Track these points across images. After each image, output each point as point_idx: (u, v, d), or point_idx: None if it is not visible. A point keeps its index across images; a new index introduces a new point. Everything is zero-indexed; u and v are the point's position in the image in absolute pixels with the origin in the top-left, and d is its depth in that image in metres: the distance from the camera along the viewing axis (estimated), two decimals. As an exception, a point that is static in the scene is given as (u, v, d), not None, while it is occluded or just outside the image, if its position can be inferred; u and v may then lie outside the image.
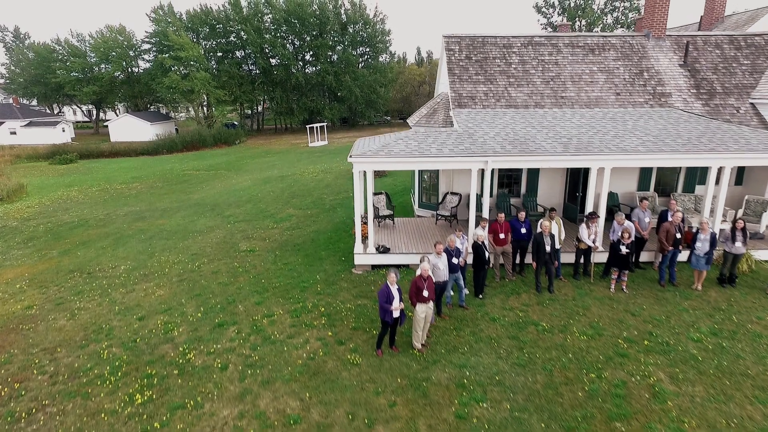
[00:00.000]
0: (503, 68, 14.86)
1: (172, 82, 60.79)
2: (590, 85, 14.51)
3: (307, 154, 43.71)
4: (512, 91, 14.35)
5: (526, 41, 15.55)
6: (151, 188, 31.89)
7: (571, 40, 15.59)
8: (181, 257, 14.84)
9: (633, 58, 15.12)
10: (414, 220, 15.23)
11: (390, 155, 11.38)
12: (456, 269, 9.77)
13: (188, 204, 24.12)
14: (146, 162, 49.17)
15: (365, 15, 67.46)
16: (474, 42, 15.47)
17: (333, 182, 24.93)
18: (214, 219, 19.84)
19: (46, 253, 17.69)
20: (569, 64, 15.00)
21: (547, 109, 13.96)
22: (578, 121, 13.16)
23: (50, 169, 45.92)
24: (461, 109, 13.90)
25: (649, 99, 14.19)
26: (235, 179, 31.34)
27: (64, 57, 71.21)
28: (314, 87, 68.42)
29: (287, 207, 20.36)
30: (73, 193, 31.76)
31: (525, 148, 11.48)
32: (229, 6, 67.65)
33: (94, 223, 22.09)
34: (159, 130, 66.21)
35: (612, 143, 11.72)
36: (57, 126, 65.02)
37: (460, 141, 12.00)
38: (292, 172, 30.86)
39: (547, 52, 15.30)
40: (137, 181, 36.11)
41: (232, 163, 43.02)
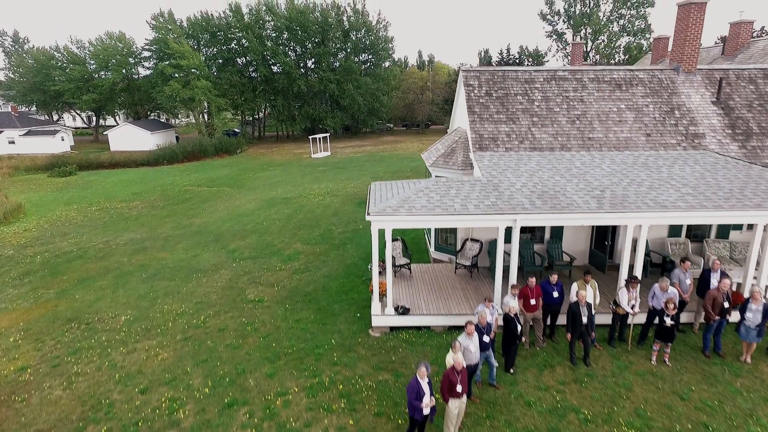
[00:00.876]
0: (526, 106, 14.04)
1: (173, 90, 60.00)
2: (618, 124, 13.69)
3: (311, 168, 42.87)
4: (536, 132, 13.53)
5: (549, 76, 14.73)
6: (152, 208, 31.06)
7: (596, 74, 14.76)
8: (185, 307, 14.01)
9: (662, 94, 14.30)
10: (431, 267, 14.40)
11: (411, 212, 10.56)
12: (487, 347, 8.96)
13: (190, 232, 23.28)
14: (146, 174, 48.33)
15: (368, 22, 66.64)
16: (494, 77, 14.65)
17: (340, 209, 24.10)
18: (218, 254, 19.01)
19: (42, 294, 16.87)
20: (595, 101, 14.18)
21: (574, 152, 13.14)
22: (608, 167, 12.34)
23: (49, 182, 45.08)
24: (483, 152, 13.08)
25: (682, 140, 13.38)
26: (238, 199, 30.50)
27: (63, 64, 70.34)
28: (316, 95, 67.59)
29: (294, 241, 19.53)
30: (72, 213, 30.92)
31: (556, 204, 10.66)
32: (230, 13, 66.84)
33: (93, 254, 21.27)
34: (159, 139, 65.41)
35: (648, 197, 10.91)
36: (56, 135, 64.22)
37: (485, 193, 11.19)
38: (297, 192, 30.03)
39: (572, 87, 14.48)
40: (137, 198, 35.28)
41: (235, 177, 42.17)
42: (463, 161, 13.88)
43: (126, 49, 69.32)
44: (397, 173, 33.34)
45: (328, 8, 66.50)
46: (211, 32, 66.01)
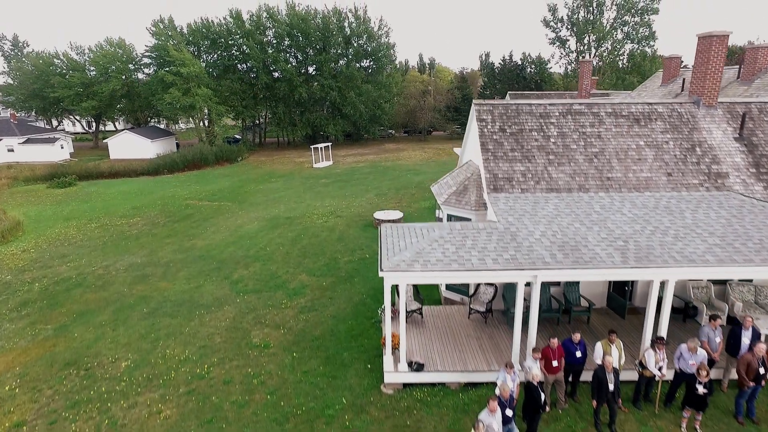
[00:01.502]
0: (541, 143, 13.53)
1: (173, 98, 59.49)
2: (638, 163, 13.18)
3: (313, 181, 42.35)
4: (553, 171, 13.02)
5: (565, 110, 14.21)
6: (153, 225, 30.58)
7: (614, 108, 14.25)
8: (188, 351, 13.50)
9: (683, 130, 13.79)
10: (443, 310, 13.89)
11: (427, 268, 10.05)
12: (510, 420, 8.45)
13: (192, 257, 22.76)
14: (147, 185, 47.85)
15: (369, 29, 66.10)
16: (508, 111, 14.14)
17: (345, 233, 23.58)
18: (221, 285, 18.50)
19: (40, 330, 16.36)
20: (613, 137, 13.67)
21: (592, 193, 12.63)
22: (630, 211, 11.83)
23: (48, 194, 44.57)
24: (498, 193, 12.57)
25: (704, 180, 12.88)
26: (241, 217, 29.99)
27: (62, 71, 69.78)
28: (317, 102, 67.09)
29: (299, 271, 19.01)
30: (71, 231, 30.44)
31: (578, 258, 10.16)
32: (231, 19, 66.33)
33: (92, 282, 20.77)
34: (160, 147, 64.89)
35: (674, 248, 10.41)
36: (55, 143, 63.69)
37: (503, 244, 10.68)
38: (300, 211, 29.51)
39: (588, 122, 13.97)
40: (137, 213, 34.80)
41: (236, 189, 41.67)
42: (477, 201, 13.37)
43: (126, 56, 68.81)
44: (402, 190, 32.81)
45: (330, 14, 66.00)
46: (212, 39, 65.50)
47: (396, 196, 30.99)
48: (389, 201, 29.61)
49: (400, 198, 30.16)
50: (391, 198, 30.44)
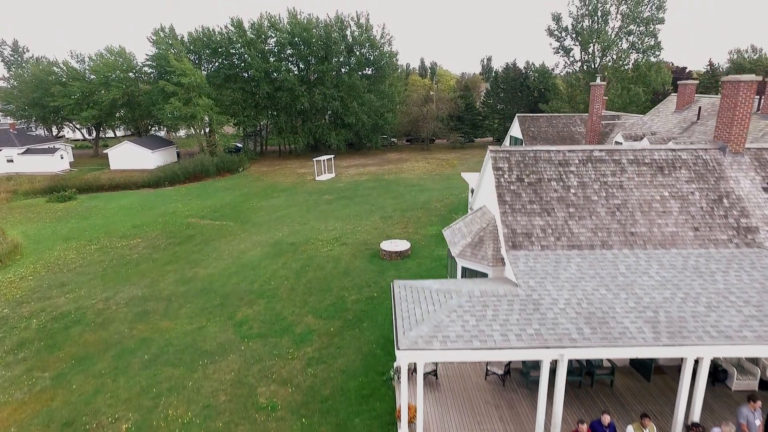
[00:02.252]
0: (561, 194, 12.92)
1: (174, 108, 58.93)
2: (663, 216, 12.57)
3: (316, 197, 41.75)
4: (573, 226, 12.41)
5: (585, 157, 13.60)
6: (153, 249, 30.02)
7: (635, 155, 13.64)
8: (191, 413, 12.89)
9: (709, 179, 13.18)
10: (458, 369, 13.26)
11: (446, 345, 9.45)
12: None
13: (194, 290, 22.17)
14: (147, 199, 47.30)
15: (372, 37, 65.45)
16: (525, 158, 13.53)
17: (351, 264, 22.96)
18: (224, 327, 17.90)
19: (37, 379, 15.77)
20: (636, 187, 13.06)
21: (616, 250, 12.02)
22: (657, 273, 11.22)
23: (47, 209, 44.00)
24: (517, 251, 11.97)
25: (733, 236, 12.26)
26: (243, 241, 29.41)
27: (62, 80, 69.18)
28: (320, 112, 66.51)
29: (305, 311, 18.41)
30: (70, 255, 29.89)
31: (606, 333, 9.57)
32: (232, 28, 65.73)
33: (91, 318, 20.20)
34: (161, 157, 64.26)
35: (708, 321, 9.81)
36: (55, 153, 63.09)
37: (525, 315, 10.09)
38: (304, 235, 28.91)
39: (610, 171, 13.36)
40: (138, 232, 34.27)
41: (237, 206, 41.09)
42: (494, 256, 12.76)
43: (126, 64, 68.20)
44: (407, 212, 32.19)
45: (332, 23, 65.38)
46: (213, 48, 64.90)
47: (402, 219, 30.36)
48: (395, 225, 29.00)
49: (406, 222, 29.54)
50: (396, 222, 29.82)
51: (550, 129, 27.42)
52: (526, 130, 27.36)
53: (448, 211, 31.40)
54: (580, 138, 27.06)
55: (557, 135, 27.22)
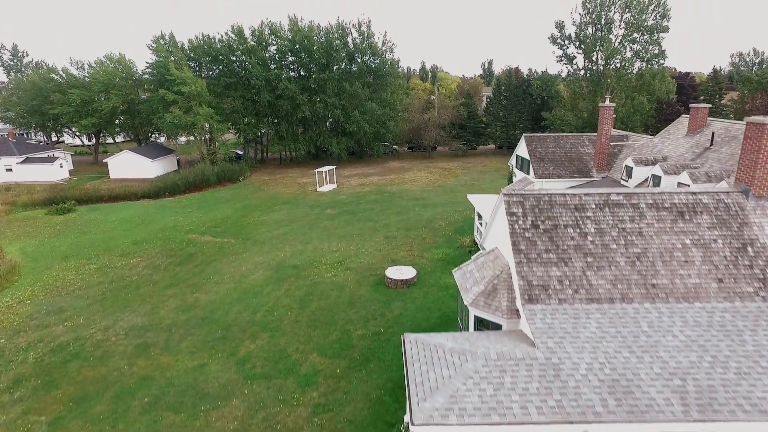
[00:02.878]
0: (578, 241, 12.42)
1: (174, 117, 58.46)
2: (685, 266, 12.07)
3: (318, 211, 41.27)
4: (592, 277, 11.91)
5: (602, 201, 13.10)
6: (153, 269, 29.58)
7: (654, 199, 13.14)
8: (193, 470, 12.39)
9: (731, 225, 12.68)
10: None
11: (464, 420, 8.95)
12: None
13: (195, 318, 21.67)
14: (147, 211, 46.82)
15: (373, 44, 64.92)
16: (540, 202, 13.03)
17: (356, 293, 22.44)
18: (227, 364, 17.39)
19: (34, 423, 15.27)
20: (656, 234, 12.56)
21: (637, 304, 11.52)
22: (681, 332, 10.72)
23: (47, 222, 43.54)
24: (533, 305, 11.47)
25: (760, 288, 11.76)
26: (245, 262, 28.92)
27: (62, 87, 68.67)
28: (321, 120, 66.03)
29: (310, 348, 17.89)
30: (69, 275, 29.43)
31: (633, 406, 9.09)
32: (233, 35, 65.26)
33: (90, 351, 19.72)
34: (161, 166, 63.85)
35: (740, 390, 9.33)
36: (55, 162, 62.64)
37: (545, 382, 9.59)
38: (307, 256, 28.42)
39: (628, 216, 12.85)
40: (138, 250, 33.81)
41: (239, 220, 40.61)
42: (508, 307, 12.26)
43: (126, 72, 67.72)
44: (411, 230, 31.67)
45: (333, 30, 64.88)
46: (213, 56, 64.42)
47: (406, 239, 29.85)
48: (399, 247, 28.49)
49: (411, 243, 29.03)
50: (401, 242, 29.31)
51: (557, 149, 26.93)
52: (533, 151, 26.86)
53: (453, 230, 30.88)
54: (588, 159, 26.56)
55: (565, 156, 26.71)
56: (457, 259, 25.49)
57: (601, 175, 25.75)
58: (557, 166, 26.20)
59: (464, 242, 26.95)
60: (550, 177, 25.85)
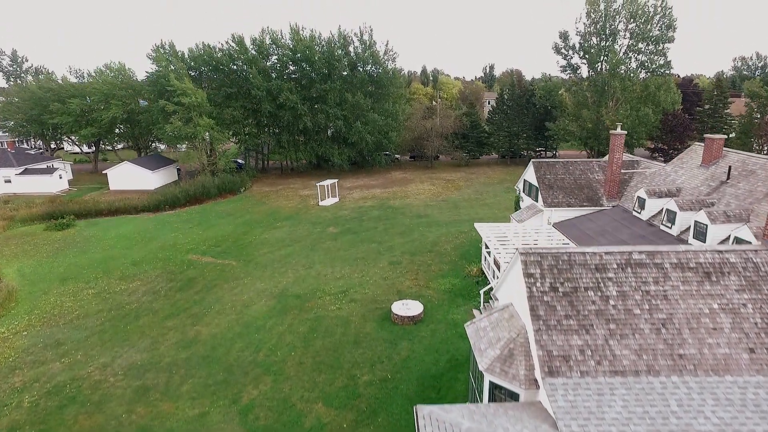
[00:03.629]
0: (600, 306, 11.78)
1: (174, 128, 57.89)
2: (713, 334, 11.43)
3: (320, 229, 40.66)
4: (615, 346, 11.27)
5: (624, 261, 12.45)
6: (153, 294, 29.10)
7: (678, 258, 12.49)
8: None
9: (761, 287, 12.04)
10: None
11: None
12: None
13: (197, 357, 21.05)
14: (147, 227, 46.28)
15: (375, 53, 64.21)
16: (558, 262, 12.39)
17: (361, 330, 21.80)
18: (228, 414, 16.76)
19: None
20: (681, 297, 11.92)
21: (664, 377, 10.88)
22: (713, 413, 10.08)
23: (45, 238, 42.99)
24: (553, 378, 10.83)
25: (793, 360, 11.13)
26: (246, 288, 28.34)
27: (61, 97, 68.04)
28: (323, 130, 65.42)
29: (315, 396, 17.26)
30: (67, 302, 28.90)
31: (667, 508, 8.42)
32: (234, 44, 64.64)
33: (87, 393, 19.15)
34: (161, 177, 63.24)
35: (779, 488, 8.66)
36: (54, 174, 62.03)
37: (571, 477, 8.94)
38: (310, 284, 27.82)
39: (652, 277, 12.22)
40: (137, 272, 33.30)
41: (240, 238, 40.05)
42: (526, 377, 11.62)
43: (126, 81, 67.10)
44: (416, 255, 31.03)
45: (334, 40, 64.25)
46: (214, 66, 63.81)
47: (411, 266, 29.21)
48: (405, 275, 27.86)
49: (416, 270, 28.39)
50: (406, 269, 28.68)
51: (566, 176, 26.28)
52: (541, 177, 26.21)
53: (459, 255, 30.24)
54: (598, 186, 25.91)
55: (574, 183, 26.07)
56: (464, 291, 24.87)
57: (611, 204, 25.12)
58: (566, 194, 25.56)
59: (471, 271, 26.31)
60: (560, 205, 25.22)
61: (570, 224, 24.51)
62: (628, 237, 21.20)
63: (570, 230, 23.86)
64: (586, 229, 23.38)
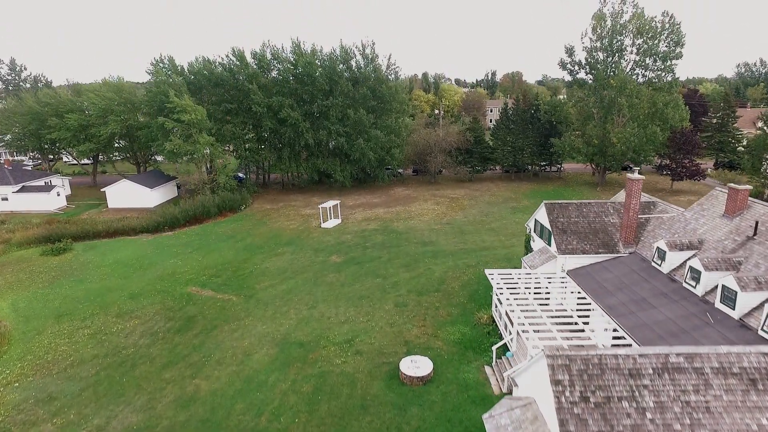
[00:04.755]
0: (636, 420, 10.74)
1: (174, 146, 56.87)
2: (762, 455, 10.42)
3: (323, 258, 39.62)
4: (654, 470, 10.26)
5: (660, 365, 11.42)
6: (151, 337, 28.34)
7: (720, 362, 11.46)
8: None
9: (812, 398, 11.02)
10: None
11: None
12: None
13: (195, 421, 20.07)
14: (145, 251, 45.41)
15: (377, 67, 63.05)
16: (588, 366, 11.35)
17: (368, 390, 20.74)
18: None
19: None
20: (725, 410, 10.89)
21: None
22: None
23: (41, 265, 42.13)
24: None
25: None
26: (248, 332, 27.36)
27: (59, 111, 67.03)
28: (325, 147, 64.40)
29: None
30: (61, 345, 28.10)
31: None
32: (234, 59, 63.67)
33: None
34: (160, 194, 62.27)
35: None
36: (51, 191, 61.05)
37: None
38: (314, 329, 26.81)
39: (692, 385, 11.18)
40: (134, 308, 32.55)
41: (240, 267, 39.11)
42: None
43: (126, 95, 66.00)
44: (423, 295, 29.99)
45: (336, 55, 63.22)
46: (214, 81, 62.81)
47: (418, 309, 28.15)
48: (412, 320, 26.82)
49: (424, 314, 27.35)
50: (413, 313, 27.63)
51: (580, 219, 25.24)
52: (554, 221, 25.16)
53: (467, 297, 29.20)
54: (613, 230, 24.87)
55: (588, 226, 25.02)
56: (475, 342, 23.83)
57: (628, 251, 24.07)
58: (581, 239, 24.50)
59: (481, 318, 25.28)
60: (574, 252, 24.16)
61: (585, 273, 23.47)
62: (648, 293, 20.15)
63: (585, 280, 22.83)
64: (602, 281, 22.34)
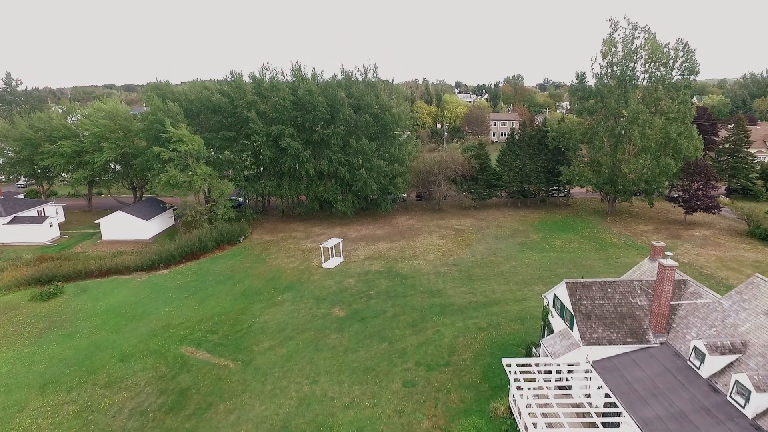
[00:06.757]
0: None
1: (170, 177, 54.83)
2: None
3: (324, 310, 37.72)
4: None
5: None
6: (140, 416, 26.76)
7: None
8: None
9: None
10: None
11: None
12: None
13: None
14: (139, 296, 43.66)
15: (379, 96, 60.93)
16: None
17: None
18: None
19: None
20: None
21: None
22: None
23: (29, 315, 40.52)
24: None
25: None
26: (245, 419, 25.38)
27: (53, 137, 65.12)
28: (326, 177, 62.39)
29: None
30: (44, 426, 26.00)
31: None
32: (232, 82, 61.75)
33: None
34: (156, 225, 60.35)
35: None
36: (44, 222, 59.06)
37: None
38: (315, 414, 24.85)
39: None
40: (125, 376, 30.93)
41: (238, 320, 37.42)
42: None
43: (121, 122, 64.02)
44: (432, 371, 27.98)
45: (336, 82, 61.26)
46: (212, 108, 60.88)
47: (428, 390, 26.15)
48: (422, 407, 24.81)
49: (435, 398, 25.35)
50: (422, 397, 25.62)
51: (605, 302, 23.24)
52: (577, 303, 23.15)
53: (480, 374, 27.20)
54: (642, 315, 22.85)
55: (614, 310, 23.01)
56: (491, 441, 21.91)
57: (659, 340, 22.07)
58: (606, 326, 22.49)
59: (498, 410, 23.29)
60: (600, 342, 22.15)
61: (612, 367, 21.46)
62: (688, 407, 18.15)
63: (613, 377, 20.82)
64: (633, 380, 20.32)
